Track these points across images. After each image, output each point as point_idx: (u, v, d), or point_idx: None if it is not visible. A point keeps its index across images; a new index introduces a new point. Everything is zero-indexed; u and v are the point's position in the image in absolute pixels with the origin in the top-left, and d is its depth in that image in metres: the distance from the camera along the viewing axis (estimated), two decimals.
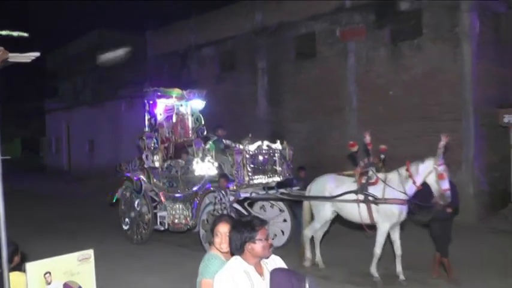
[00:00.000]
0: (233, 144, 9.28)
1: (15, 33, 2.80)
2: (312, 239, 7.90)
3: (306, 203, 7.97)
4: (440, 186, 6.40)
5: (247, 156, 8.66)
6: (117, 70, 25.13)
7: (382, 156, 7.18)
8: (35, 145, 35.67)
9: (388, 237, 7.05)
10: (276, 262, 3.10)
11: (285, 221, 9.19)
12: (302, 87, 14.78)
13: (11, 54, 2.82)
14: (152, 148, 9.91)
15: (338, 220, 8.13)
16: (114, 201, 10.66)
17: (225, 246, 3.18)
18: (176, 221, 9.38)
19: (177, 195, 9.42)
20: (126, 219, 10.10)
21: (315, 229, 7.79)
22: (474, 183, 11.45)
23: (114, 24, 28.29)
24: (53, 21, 38.59)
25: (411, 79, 12.36)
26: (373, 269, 7.01)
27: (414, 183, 6.64)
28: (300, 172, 10.01)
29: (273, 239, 8.49)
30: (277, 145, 9.31)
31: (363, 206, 6.97)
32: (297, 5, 14.93)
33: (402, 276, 6.93)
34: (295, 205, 9.14)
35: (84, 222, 12.26)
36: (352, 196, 7.01)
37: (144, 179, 9.89)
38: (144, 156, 9.89)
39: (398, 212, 6.80)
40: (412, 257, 7.50)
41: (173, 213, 9.45)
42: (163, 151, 10.03)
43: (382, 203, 6.79)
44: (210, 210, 8.48)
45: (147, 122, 10.12)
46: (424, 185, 6.63)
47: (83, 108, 26.59)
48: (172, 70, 19.64)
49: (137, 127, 11.75)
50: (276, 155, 9.19)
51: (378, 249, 6.95)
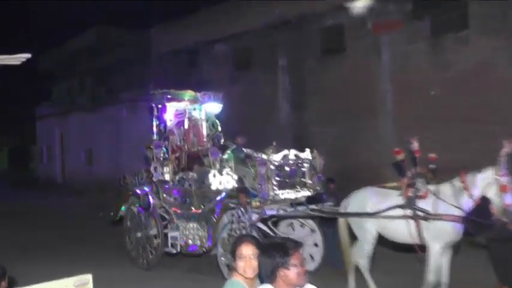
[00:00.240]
0: (255, 154, 9.12)
1: (18, 60, 2.70)
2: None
3: (341, 222, 7.71)
4: (503, 200, 6.16)
5: (272, 167, 8.47)
6: (118, 71, 25.20)
7: (431, 166, 6.99)
8: (24, 155, 35.89)
9: None
10: None
11: (316, 245, 8.95)
12: (329, 87, 14.78)
13: None
14: (162, 159, 9.78)
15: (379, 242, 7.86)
16: (117, 218, 10.54)
17: (250, 272, 3.11)
18: (190, 242, 9.21)
19: (191, 212, 9.25)
20: (131, 239, 9.98)
21: (366, 253, 7.38)
22: None
23: (115, 20, 28.46)
24: (49, 18, 38.96)
25: (456, 77, 12.31)
26: None
27: (471, 196, 6.41)
28: (329, 184, 9.71)
29: None
30: (306, 154, 9.08)
31: (411, 223, 6.74)
32: None
33: None
34: (325, 224, 8.88)
35: (81, 242, 12.17)
36: (399, 211, 6.80)
37: (153, 194, 9.75)
38: (152, 168, 9.74)
39: (451, 229, 6.56)
40: (464, 285, 7.21)
41: (186, 233, 9.27)
42: (174, 162, 9.87)
43: (434, 218, 6.56)
44: (227, 230, 8.33)
45: (155, 128, 10.00)
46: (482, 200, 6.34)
47: (79, 113, 26.76)
48: (180, 70, 19.76)
49: (140, 134, 11.68)
50: (304, 165, 8.99)
51: (431, 276, 6.67)
